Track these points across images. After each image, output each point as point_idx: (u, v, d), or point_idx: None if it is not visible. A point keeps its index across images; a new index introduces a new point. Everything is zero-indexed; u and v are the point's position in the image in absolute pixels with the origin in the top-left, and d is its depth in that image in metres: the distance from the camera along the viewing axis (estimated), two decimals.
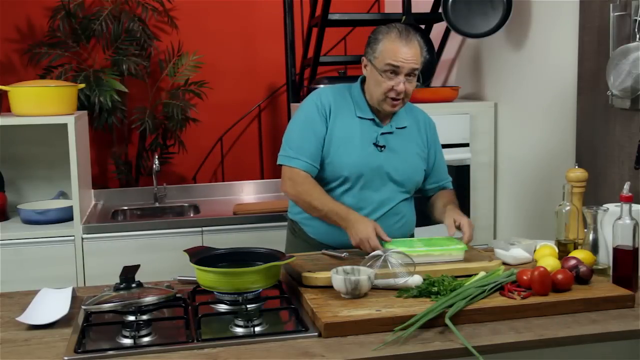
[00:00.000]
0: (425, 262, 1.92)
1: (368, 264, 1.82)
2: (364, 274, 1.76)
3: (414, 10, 3.38)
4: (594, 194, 2.46)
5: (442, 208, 2.22)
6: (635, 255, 1.83)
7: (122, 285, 1.74)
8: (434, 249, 1.95)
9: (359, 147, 2.14)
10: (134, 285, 1.75)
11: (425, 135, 2.28)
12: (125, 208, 3.53)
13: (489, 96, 3.39)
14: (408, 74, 2.07)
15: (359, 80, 2.21)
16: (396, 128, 2.20)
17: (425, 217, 3.19)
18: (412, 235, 2.31)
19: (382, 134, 2.17)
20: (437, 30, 3.61)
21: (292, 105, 3.57)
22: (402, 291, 1.75)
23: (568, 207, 2.05)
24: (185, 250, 1.87)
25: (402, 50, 2.06)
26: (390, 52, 2.06)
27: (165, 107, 3.87)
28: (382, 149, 2.16)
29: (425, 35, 3.46)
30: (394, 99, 2.10)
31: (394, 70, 2.06)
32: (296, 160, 2.12)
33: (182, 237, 3.06)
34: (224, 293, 1.75)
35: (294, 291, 1.84)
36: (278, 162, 2.18)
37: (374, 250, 1.92)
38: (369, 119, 2.17)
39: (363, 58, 2.15)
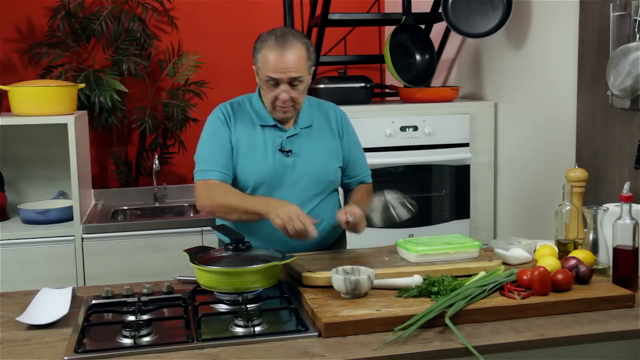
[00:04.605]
0: (442, 260, 1.92)
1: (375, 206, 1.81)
2: (364, 274, 1.76)
3: (414, 10, 3.38)
4: (594, 194, 2.46)
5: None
6: (635, 255, 1.83)
7: (231, 247, 1.84)
8: (451, 247, 1.95)
9: (262, 156, 2.11)
10: (242, 246, 1.84)
11: (337, 130, 2.23)
12: (125, 208, 3.53)
13: (489, 96, 3.39)
14: (290, 82, 2.04)
15: (258, 88, 2.18)
16: (301, 129, 2.16)
17: (425, 217, 3.21)
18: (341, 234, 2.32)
19: (288, 137, 2.14)
20: (437, 30, 3.61)
21: None
22: (402, 291, 1.75)
23: (568, 207, 2.05)
24: (185, 250, 1.87)
25: (278, 60, 2.01)
26: (267, 62, 2.03)
27: (165, 107, 3.86)
28: (289, 153, 2.12)
29: (425, 35, 3.47)
30: (282, 106, 2.08)
31: (275, 81, 2.04)
32: (210, 172, 2.10)
33: (182, 237, 3.06)
34: (224, 293, 1.76)
35: (294, 291, 1.84)
36: (194, 181, 2.14)
37: (301, 229, 1.83)
38: (271, 126, 2.15)
39: (253, 66, 2.12)
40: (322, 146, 2.18)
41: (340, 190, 2.34)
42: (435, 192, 3.24)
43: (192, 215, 3.47)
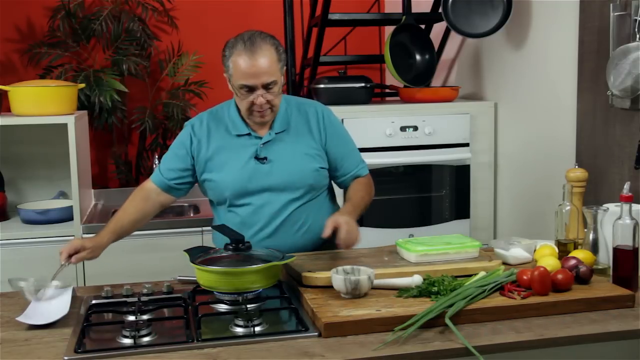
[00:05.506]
0: (442, 260, 1.92)
1: None
2: (364, 274, 1.76)
3: (414, 10, 3.37)
4: (594, 194, 2.46)
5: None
6: (635, 255, 1.83)
7: (231, 247, 1.84)
8: (451, 247, 1.95)
9: (237, 166, 2.10)
10: (242, 246, 1.84)
11: (317, 129, 2.17)
12: None
13: (489, 96, 3.39)
14: (265, 87, 2.01)
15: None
16: (276, 134, 2.12)
17: (425, 217, 3.21)
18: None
19: (263, 144, 2.11)
20: (437, 30, 3.61)
21: None
22: (402, 291, 1.75)
23: (568, 207, 2.05)
24: (185, 250, 1.87)
25: (249, 66, 1.97)
26: (238, 70, 1.99)
27: (165, 107, 3.86)
28: (264, 160, 2.10)
29: (425, 35, 3.46)
30: (259, 111, 2.05)
31: (248, 88, 2.01)
32: (153, 174, 2.22)
33: (182, 237, 3.06)
34: (224, 293, 1.76)
35: (294, 291, 1.84)
36: None
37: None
38: (245, 135, 2.12)
39: (225, 74, 2.07)
40: (299, 149, 2.14)
41: (340, 190, 2.33)
42: (435, 192, 3.24)
43: (192, 215, 3.47)
